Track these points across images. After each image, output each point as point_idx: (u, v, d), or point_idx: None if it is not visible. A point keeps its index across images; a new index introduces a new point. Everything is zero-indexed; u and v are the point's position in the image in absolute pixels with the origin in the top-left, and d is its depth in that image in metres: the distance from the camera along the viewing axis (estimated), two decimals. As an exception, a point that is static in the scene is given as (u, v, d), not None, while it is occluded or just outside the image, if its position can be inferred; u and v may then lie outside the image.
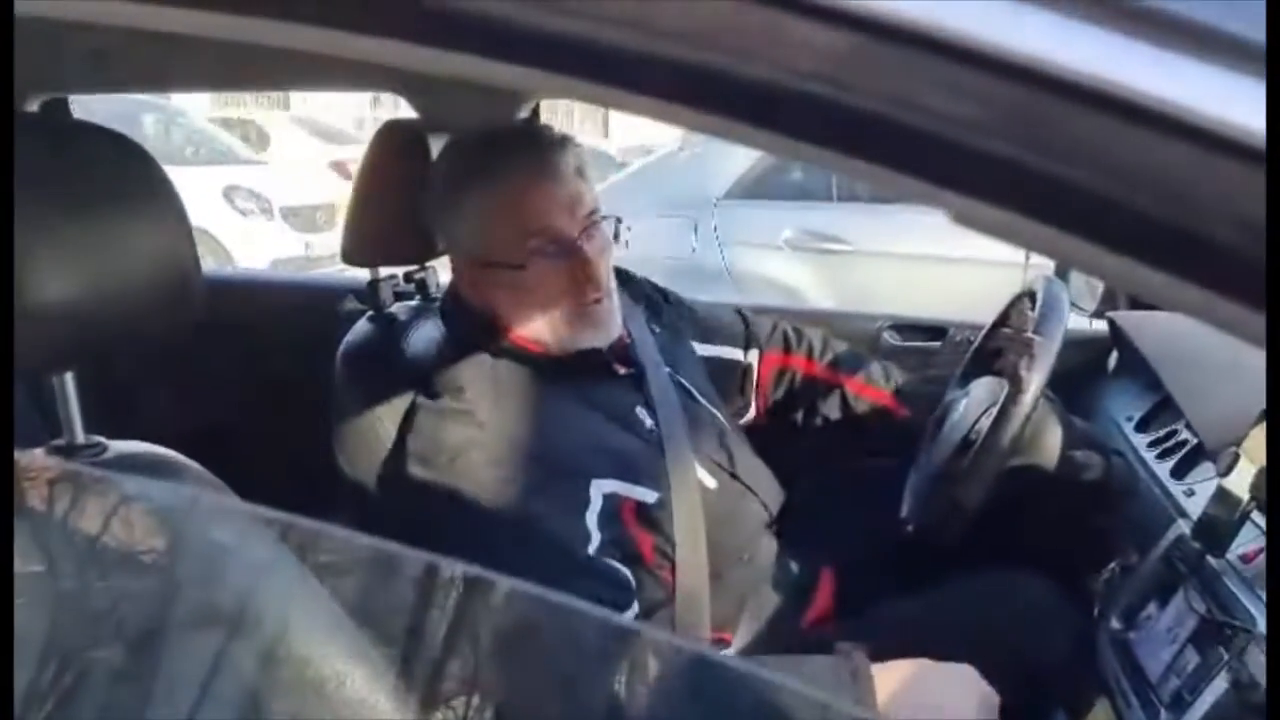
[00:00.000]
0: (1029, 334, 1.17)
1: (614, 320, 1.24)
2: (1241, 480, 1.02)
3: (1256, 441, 1.02)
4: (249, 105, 10.68)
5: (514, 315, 1.20)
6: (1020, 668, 1.19)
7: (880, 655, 1.02)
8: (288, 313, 1.98)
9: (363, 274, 1.53)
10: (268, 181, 7.32)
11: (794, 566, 1.40)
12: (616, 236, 1.26)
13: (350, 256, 1.47)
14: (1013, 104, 0.34)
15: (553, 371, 1.21)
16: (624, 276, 1.40)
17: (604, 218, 1.22)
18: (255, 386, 1.77)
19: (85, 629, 0.67)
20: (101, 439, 0.83)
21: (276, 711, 0.69)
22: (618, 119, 12.59)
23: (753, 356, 1.52)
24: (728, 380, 1.50)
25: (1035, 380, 1.16)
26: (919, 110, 0.35)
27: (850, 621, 1.34)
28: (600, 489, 1.12)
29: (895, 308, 2.01)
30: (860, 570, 1.44)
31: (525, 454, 1.12)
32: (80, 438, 0.82)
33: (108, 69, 1.63)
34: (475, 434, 1.13)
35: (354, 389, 1.35)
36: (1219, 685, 0.93)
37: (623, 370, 1.27)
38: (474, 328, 1.23)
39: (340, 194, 5.90)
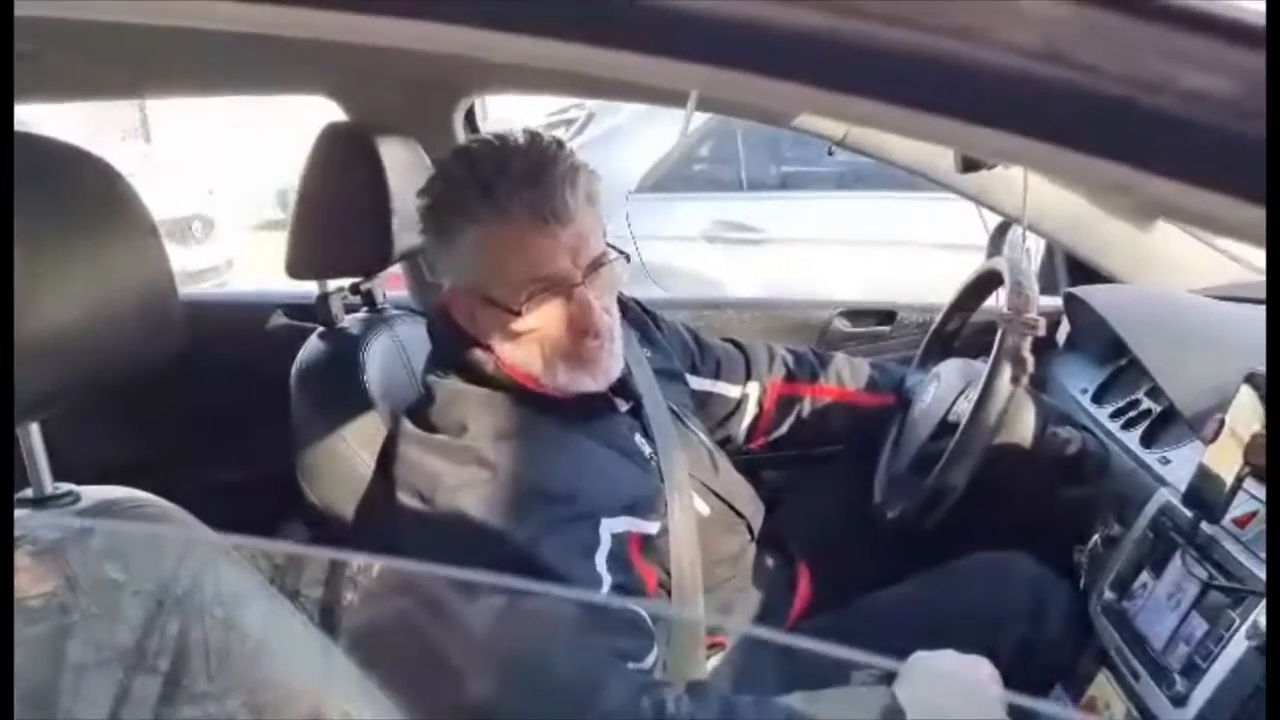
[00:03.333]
0: (1029, 315, 1.18)
1: (615, 362, 1.17)
2: (1228, 447, 1.04)
3: (1240, 407, 1.04)
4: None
5: (509, 353, 1.13)
6: (1015, 646, 1.20)
7: (874, 645, 1.01)
8: (208, 332, 1.86)
9: (270, 286, 1.44)
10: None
11: (770, 563, 1.39)
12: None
13: (296, 270, 1.38)
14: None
15: (553, 408, 1.15)
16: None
17: (613, 258, 1.14)
18: (185, 414, 1.65)
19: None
20: (73, 486, 0.76)
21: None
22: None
23: (752, 389, 1.49)
24: (716, 412, 1.47)
25: (1028, 359, 1.18)
26: (1172, 93, 0.32)
27: (838, 614, 1.33)
28: (610, 529, 1.07)
29: (816, 293, 2.03)
30: (834, 562, 1.44)
31: (533, 496, 1.05)
32: (49, 487, 0.74)
33: (41, 74, 1.49)
34: (480, 473, 1.06)
35: (317, 410, 1.27)
36: (1236, 647, 0.95)
37: (623, 406, 1.22)
38: (468, 358, 1.15)
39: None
